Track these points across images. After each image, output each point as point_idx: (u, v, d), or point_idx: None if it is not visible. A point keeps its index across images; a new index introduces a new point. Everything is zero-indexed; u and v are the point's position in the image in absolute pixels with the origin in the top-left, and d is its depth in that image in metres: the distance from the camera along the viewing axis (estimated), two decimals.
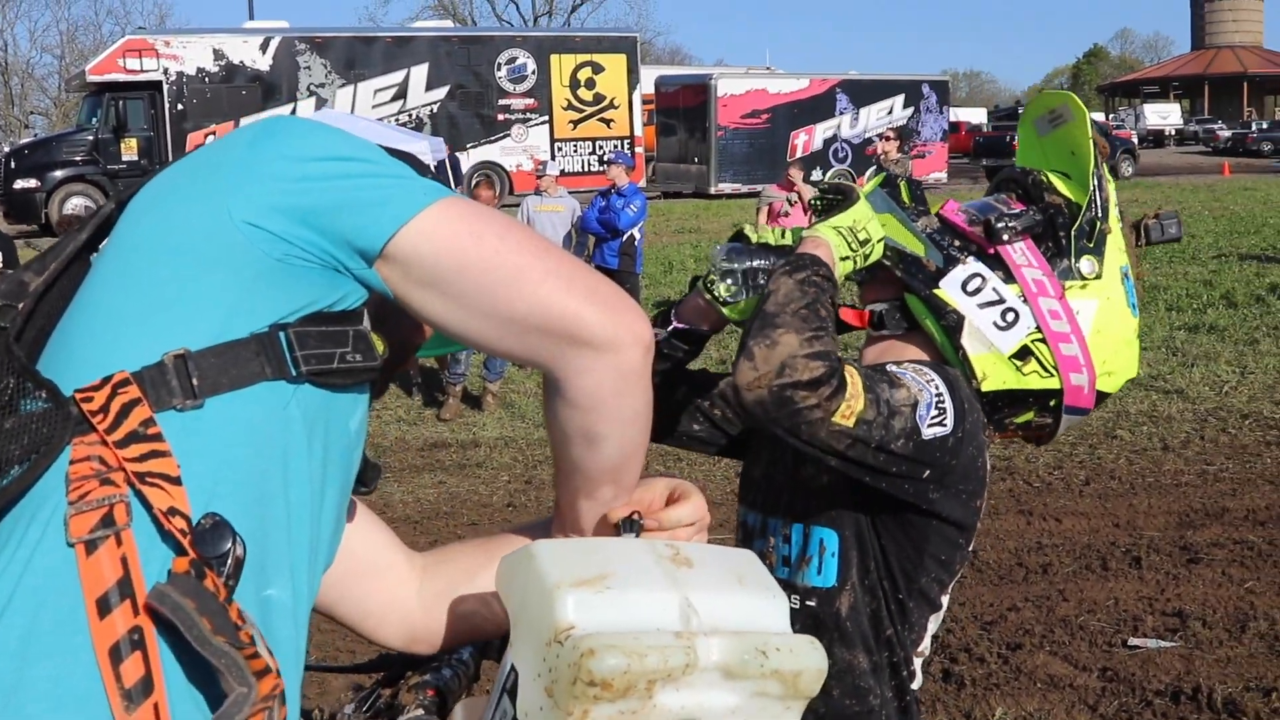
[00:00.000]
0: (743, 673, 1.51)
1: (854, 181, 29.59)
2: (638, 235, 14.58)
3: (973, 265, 2.42)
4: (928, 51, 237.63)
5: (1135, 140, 56.45)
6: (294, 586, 1.55)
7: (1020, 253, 2.43)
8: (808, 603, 2.36)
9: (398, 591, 1.91)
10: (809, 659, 1.57)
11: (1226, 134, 67.47)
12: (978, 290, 2.39)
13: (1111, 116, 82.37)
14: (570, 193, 15.58)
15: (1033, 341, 2.38)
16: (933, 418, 2.18)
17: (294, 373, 1.52)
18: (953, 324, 2.38)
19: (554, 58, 37.34)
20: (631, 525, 1.74)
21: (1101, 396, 2.45)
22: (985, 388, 2.38)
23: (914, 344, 2.48)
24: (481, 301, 1.58)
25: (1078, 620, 6.69)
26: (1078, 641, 6.43)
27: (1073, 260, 2.45)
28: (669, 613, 1.52)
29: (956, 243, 2.48)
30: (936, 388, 2.23)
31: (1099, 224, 2.51)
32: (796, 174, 16.10)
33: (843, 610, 2.33)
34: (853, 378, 2.11)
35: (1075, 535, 8.07)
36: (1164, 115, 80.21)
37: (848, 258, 2.30)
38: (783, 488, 2.45)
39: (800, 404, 2.04)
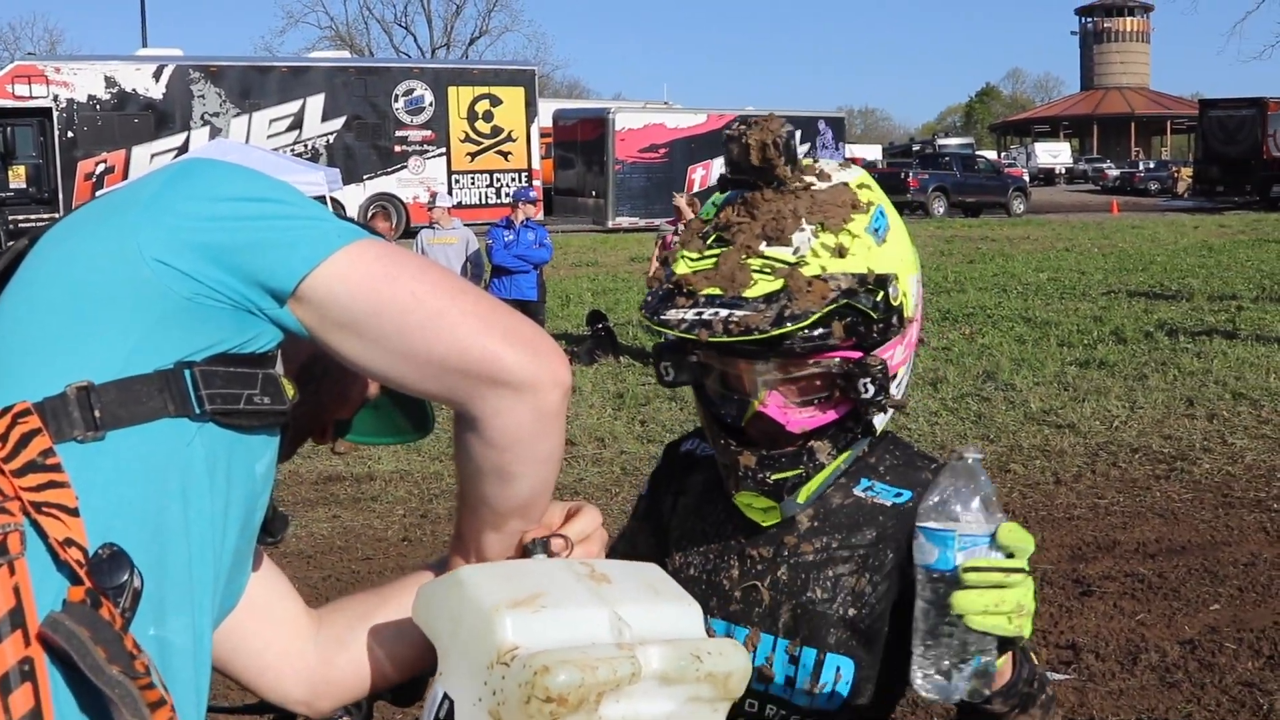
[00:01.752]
0: (679, 678, 1.57)
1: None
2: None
3: None
4: (824, 88, 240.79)
5: (1026, 178, 57.44)
6: (195, 627, 1.53)
7: None
8: None
9: (296, 643, 1.86)
10: (736, 660, 1.64)
11: (1115, 173, 69.04)
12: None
13: (1004, 154, 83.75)
14: (468, 224, 15.63)
15: None
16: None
17: (198, 410, 1.51)
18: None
19: (452, 90, 37.34)
20: (541, 546, 1.75)
21: None
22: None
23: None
24: (399, 343, 1.57)
25: None
26: None
27: None
28: (601, 627, 1.56)
29: None
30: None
31: None
32: (681, 200, 16.23)
33: None
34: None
35: None
36: (1054, 154, 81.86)
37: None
38: (781, 607, 2.11)
39: None
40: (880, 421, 2.08)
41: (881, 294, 1.93)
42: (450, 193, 31.66)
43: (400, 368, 1.60)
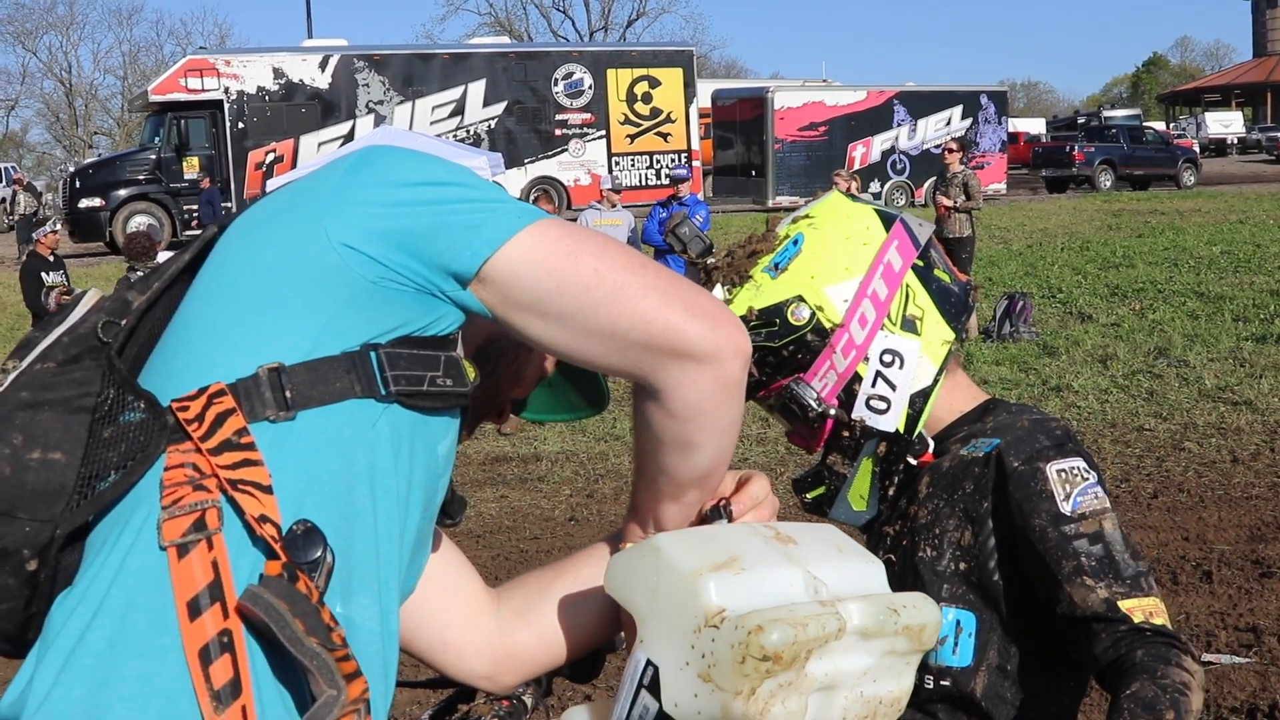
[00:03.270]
0: (878, 632, 1.60)
1: (913, 194, 29.24)
2: None
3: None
4: (985, 62, 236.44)
5: (1197, 149, 55.94)
6: (381, 605, 1.57)
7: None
8: (941, 682, 2.17)
9: (478, 620, 1.90)
10: (930, 612, 1.68)
11: None
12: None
13: (1173, 125, 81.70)
14: (627, 206, 15.64)
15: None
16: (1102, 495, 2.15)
17: (383, 392, 1.55)
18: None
19: (610, 72, 37.44)
20: (722, 512, 1.77)
21: None
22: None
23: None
24: (583, 320, 1.60)
25: None
26: None
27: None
28: (798, 586, 1.59)
29: None
30: (1086, 472, 2.15)
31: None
32: (841, 178, 16.16)
33: (978, 690, 2.15)
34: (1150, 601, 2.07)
35: (1144, 550, 7.96)
36: (1226, 124, 79.46)
37: None
38: (906, 573, 2.20)
39: None
40: (884, 422, 2.14)
41: (771, 326, 2.13)
42: (611, 174, 31.75)
43: (584, 344, 1.62)
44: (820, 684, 1.56)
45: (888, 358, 2.13)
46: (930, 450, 2.19)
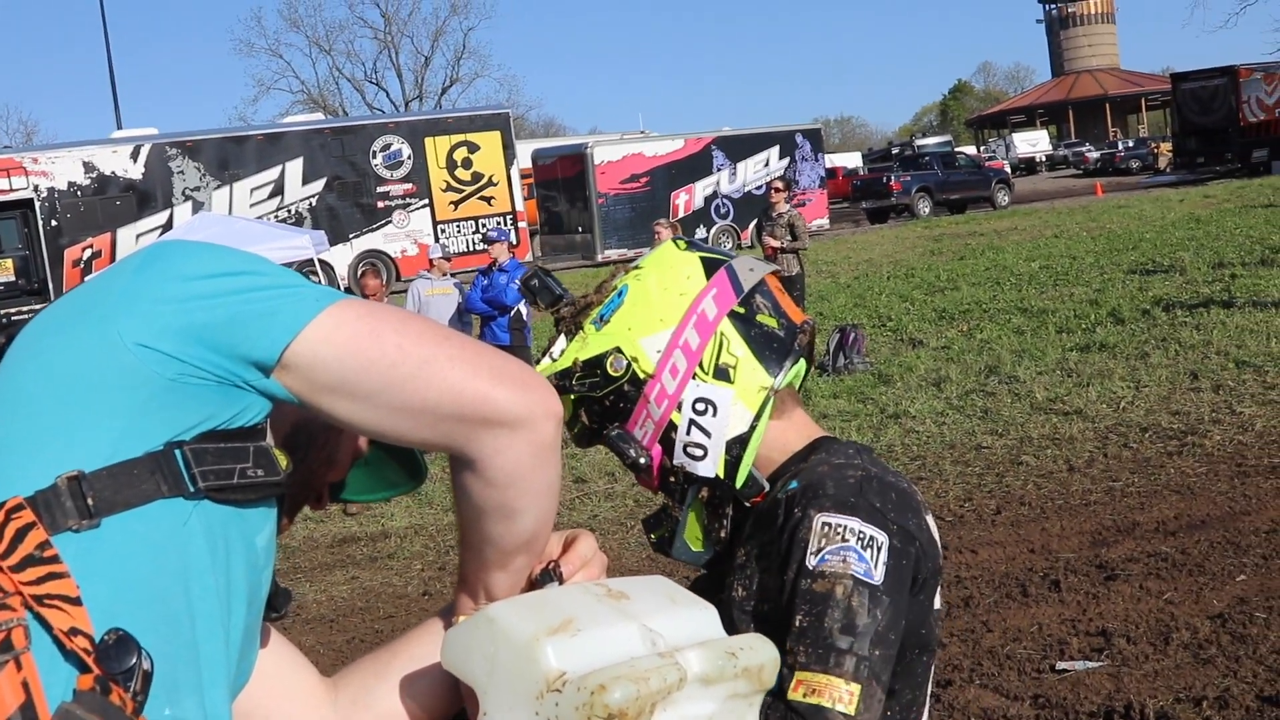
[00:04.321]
0: (719, 677, 1.61)
1: (738, 237, 29.63)
2: (525, 310, 14.49)
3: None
4: (798, 101, 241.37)
5: (1009, 169, 57.61)
6: (207, 706, 1.53)
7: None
8: None
9: (316, 711, 1.86)
10: (767, 651, 1.72)
11: (1095, 155, 69.25)
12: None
13: (983, 148, 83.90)
14: (457, 273, 15.52)
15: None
16: (872, 562, 2.02)
17: (191, 489, 1.51)
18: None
19: (428, 140, 37.38)
20: (552, 575, 1.79)
21: None
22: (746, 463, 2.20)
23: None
24: (390, 397, 1.58)
25: (1004, 650, 6.69)
26: (1006, 671, 6.43)
27: None
28: (635, 641, 1.60)
29: None
30: (851, 533, 2.04)
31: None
32: (663, 227, 16.31)
33: None
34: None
35: (992, 565, 8.11)
36: (1033, 142, 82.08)
37: None
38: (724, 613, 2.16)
39: None
40: (702, 468, 2.16)
41: (593, 377, 2.16)
42: (438, 242, 31.63)
43: (394, 421, 1.61)
44: None
45: (700, 406, 2.14)
46: (765, 490, 2.19)
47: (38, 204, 32.53)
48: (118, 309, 1.53)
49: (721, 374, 2.15)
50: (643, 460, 2.18)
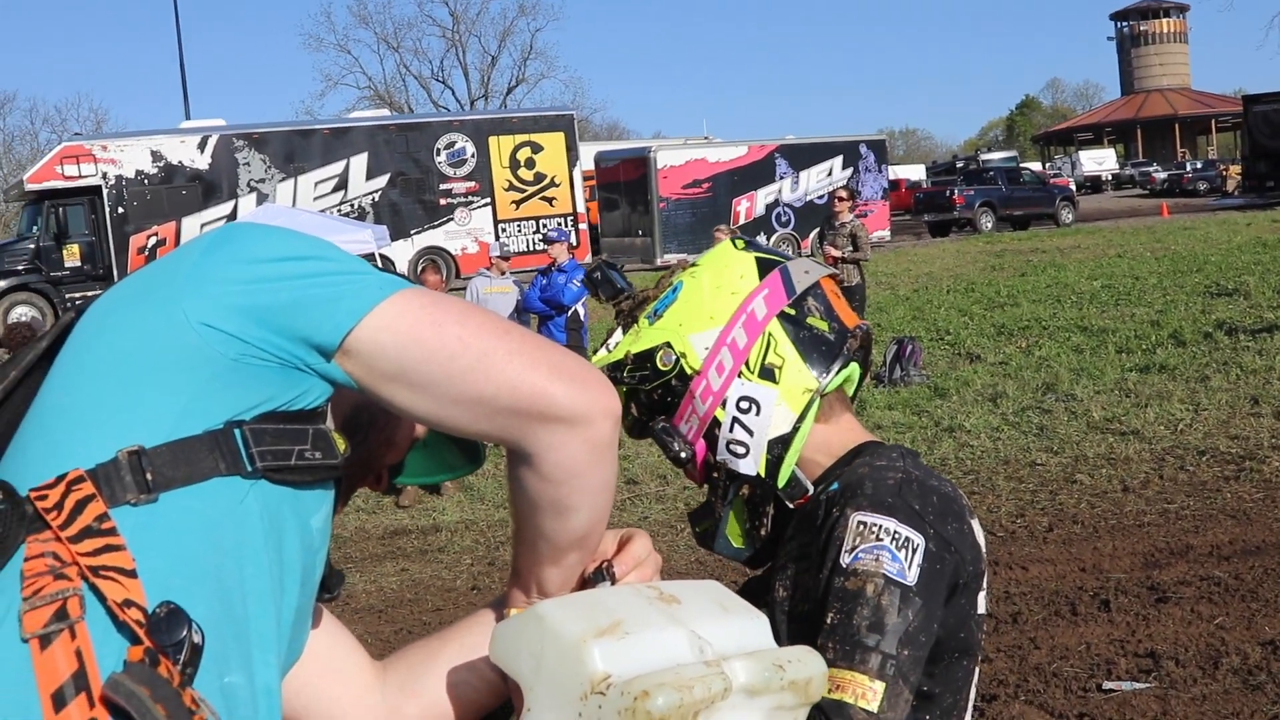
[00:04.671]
0: (765, 688, 1.60)
1: (799, 246, 29.62)
2: (582, 310, 14.55)
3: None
4: (864, 112, 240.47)
5: (1073, 187, 57.17)
6: (253, 674, 1.54)
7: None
8: None
9: (365, 695, 1.88)
10: (815, 665, 1.69)
11: (1162, 175, 68.42)
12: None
13: (1048, 165, 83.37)
14: (515, 273, 15.55)
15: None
16: (906, 564, 2.01)
17: (249, 468, 1.53)
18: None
19: (493, 140, 37.52)
20: (604, 574, 1.80)
21: None
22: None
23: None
24: (449, 388, 1.59)
25: (1051, 667, 6.65)
26: (1052, 689, 6.39)
27: None
28: (683, 647, 1.58)
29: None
30: (886, 533, 2.02)
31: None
32: (724, 234, 16.25)
33: None
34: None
35: (1042, 582, 8.06)
36: (1100, 161, 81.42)
37: None
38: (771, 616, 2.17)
39: None
40: (744, 466, 2.19)
41: (643, 370, 2.21)
42: (498, 241, 31.78)
43: (451, 412, 1.61)
44: None
45: (744, 404, 2.16)
46: (809, 493, 2.20)
47: (105, 191, 32.92)
48: (184, 289, 1.55)
49: (767, 374, 2.17)
50: (685, 454, 2.21)
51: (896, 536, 2.01)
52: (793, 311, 2.21)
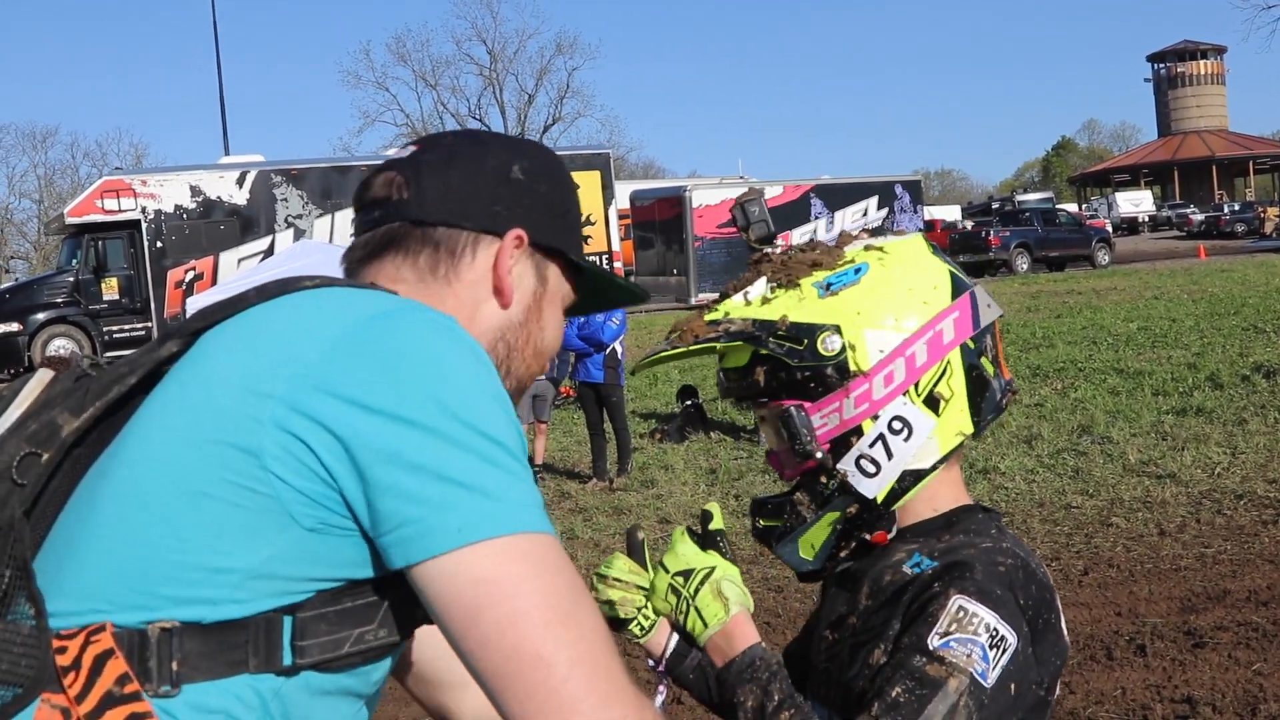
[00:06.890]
0: None
1: None
2: (620, 349, 14.59)
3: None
4: (899, 152, 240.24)
5: (1110, 229, 56.94)
6: None
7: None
8: None
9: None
10: None
11: (1199, 217, 68.24)
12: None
13: (1085, 206, 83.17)
14: None
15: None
16: (995, 660, 1.85)
17: (286, 663, 1.43)
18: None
19: None
20: None
21: None
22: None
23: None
24: (481, 661, 1.41)
25: (1086, 712, 6.59)
26: None
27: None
28: None
29: None
30: (986, 628, 1.86)
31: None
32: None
33: None
34: None
35: (1078, 626, 7.99)
36: (1136, 202, 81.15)
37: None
38: (835, 685, 2.07)
39: None
40: (867, 486, 2.01)
41: (797, 343, 1.98)
42: None
43: (470, 664, 1.42)
44: None
45: (898, 425, 1.98)
46: (891, 533, 2.04)
47: (144, 225, 33.11)
48: (280, 389, 1.42)
49: (932, 402, 2.00)
50: (819, 453, 2.02)
51: (994, 634, 1.85)
52: (973, 345, 2.04)
